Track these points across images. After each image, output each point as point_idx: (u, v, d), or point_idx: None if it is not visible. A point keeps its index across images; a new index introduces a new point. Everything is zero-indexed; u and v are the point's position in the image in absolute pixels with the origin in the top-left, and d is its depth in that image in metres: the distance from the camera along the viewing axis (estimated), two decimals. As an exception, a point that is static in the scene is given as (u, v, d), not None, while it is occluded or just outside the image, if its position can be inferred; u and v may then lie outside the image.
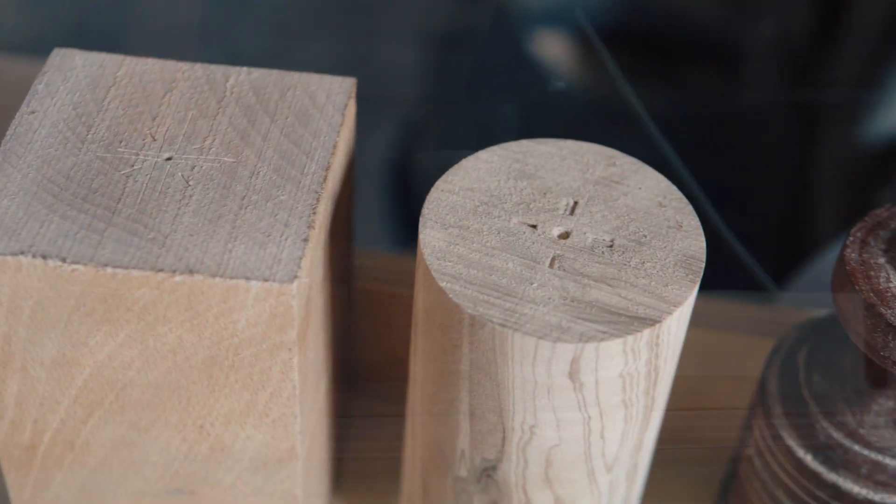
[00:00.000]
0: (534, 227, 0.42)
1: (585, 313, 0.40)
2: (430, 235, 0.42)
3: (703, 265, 0.41)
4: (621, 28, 1.32)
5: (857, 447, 0.44)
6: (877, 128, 1.05)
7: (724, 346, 0.54)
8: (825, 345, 0.47)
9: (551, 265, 0.41)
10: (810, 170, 1.12)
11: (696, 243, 0.42)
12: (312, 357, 0.45)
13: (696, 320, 0.54)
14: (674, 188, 0.44)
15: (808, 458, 0.45)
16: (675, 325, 0.41)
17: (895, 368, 0.41)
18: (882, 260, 0.42)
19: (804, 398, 0.46)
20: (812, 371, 0.46)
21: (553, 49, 1.31)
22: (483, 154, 0.44)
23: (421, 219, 0.42)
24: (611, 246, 0.42)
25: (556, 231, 0.42)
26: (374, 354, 0.57)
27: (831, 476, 0.45)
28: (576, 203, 0.43)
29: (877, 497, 0.44)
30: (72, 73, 0.46)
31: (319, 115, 0.45)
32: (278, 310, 0.40)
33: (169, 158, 0.43)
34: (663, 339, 0.40)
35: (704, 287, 0.41)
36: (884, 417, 0.44)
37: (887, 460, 0.44)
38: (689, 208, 0.43)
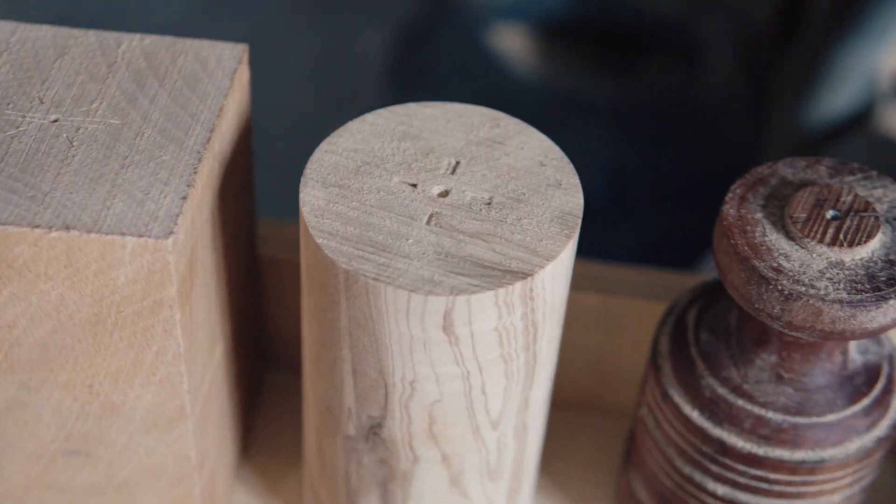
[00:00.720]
0: (414, 185, 0.43)
1: (458, 267, 0.40)
2: (310, 194, 0.42)
3: (580, 221, 0.42)
4: (582, 20, 1.33)
5: (740, 402, 0.45)
6: (820, 112, 1.06)
7: (630, 312, 0.54)
8: (714, 304, 0.47)
9: (428, 222, 0.41)
10: (761, 155, 1.13)
11: (573, 200, 0.42)
12: (202, 318, 0.45)
13: (603, 287, 0.55)
14: (556, 148, 0.44)
15: (695, 415, 0.46)
16: (550, 280, 0.41)
17: (770, 321, 0.42)
18: (759, 215, 0.43)
19: (692, 356, 0.46)
20: (700, 329, 0.47)
21: (511, 42, 1.32)
22: (369, 116, 0.45)
23: (302, 178, 0.43)
24: (489, 203, 0.42)
25: (436, 190, 0.43)
26: (284, 324, 0.57)
27: (716, 431, 0.45)
28: (457, 163, 0.43)
29: (760, 451, 0.45)
30: (-37, 38, 0.46)
31: (208, 79, 0.46)
32: (156, 266, 0.41)
33: (55, 121, 0.44)
34: (537, 294, 0.41)
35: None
36: (766, 372, 0.45)
37: (770, 414, 0.45)
38: (570, 167, 0.44)
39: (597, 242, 1.14)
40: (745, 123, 1.27)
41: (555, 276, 0.41)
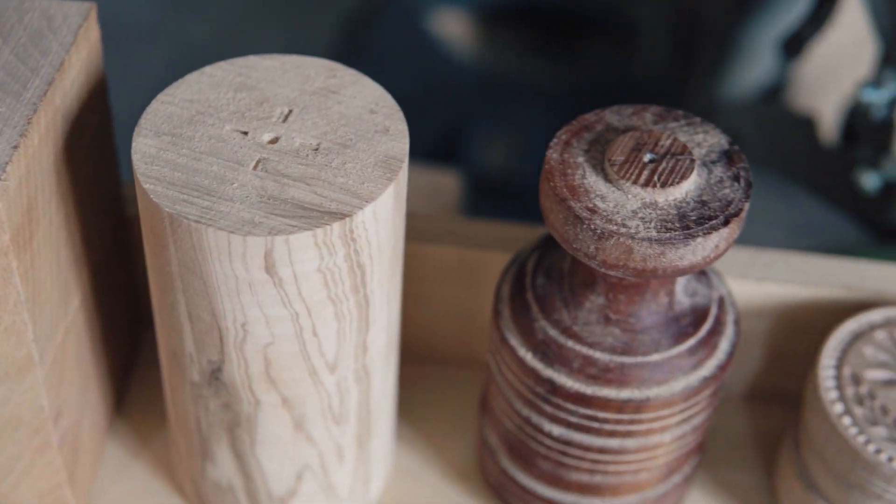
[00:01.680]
0: (245, 133, 0.44)
1: (279, 209, 0.41)
2: (142, 143, 0.43)
3: (403, 165, 0.43)
4: (521, 5, 1.34)
5: (570, 343, 0.46)
6: (732, 87, 1.08)
7: (491, 266, 0.56)
8: (552, 251, 0.49)
9: (255, 167, 0.43)
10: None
11: (399, 145, 0.44)
12: (48, 269, 0.46)
13: (464, 241, 0.56)
14: (388, 96, 0.46)
15: (529, 357, 0.47)
16: (372, 221, 0.42)
17: (587, 260, 0.43)
18: (581, 159, 0.44)
19: (528, 300, 0.48)
20: (537, 275, 0.48)
21: (452, 27, 1.33)
22: (209, 69, 0.46)
23: (136, 128, 0.44)
24: (316, 149, 0.43)
25: (266, 137, 0.44)
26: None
27: (548, 372, 0.47)
28: (290, 111, 0.45)
29: (588, 390, 0.46)
30: None
31: (53, 35, 0.47)
32: (-14, 213, 0.42)
33: None
34: (359, 235, 0.42)
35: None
36: (595, 314, 0.46)
37: (597, 354, 0.46)
38: (400, 115, 0.45)
39: (538, 217, 1.15)
40: (679, 102, 1.29)
41: (377, 218, 0.43)
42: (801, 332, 0.55)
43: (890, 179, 0.67)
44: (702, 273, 0.49)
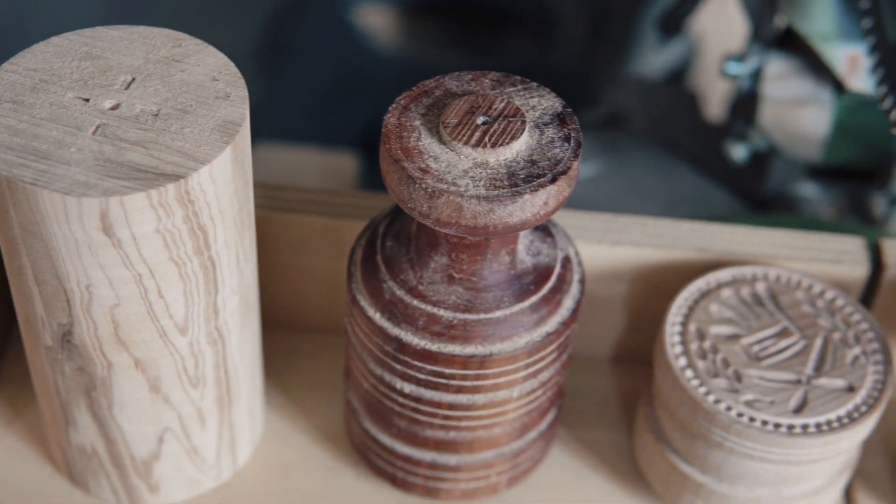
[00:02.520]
0: (86, 100, 0.45)
1: (115, 172, 0.42)
2: (-17, 110, 0.44)
3: (241, 129, 0.44)
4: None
5: (415, 302, 0.48)
6: (640, 71, 1.10)
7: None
8: (402, 215, 0.50)
9: (94, 133, 0.44)
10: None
11: (238, 111, 0.45)
12: None
13: (329, 211, 0.57)
14: (231, 65, 0.47)
15: (377, 317, 0.48)
16: (209, 184, 0.43)
17: (422, 218, 0.44)
18: (417, 122, 0.46)
19: (377, 262, 0.49)
20: (387, 238, 0.50)
21: (375, 20, 1.34)
22: (55, 39, 0.47)
23: (-22, 96, 0.45)
24: (156, 115, 0.44)
25: (108, 104, 0.45)
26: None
27: (395, 330, 0.48)
28: (133, 79, 0.46)
29: (434, 347, 0.47)
30: None
31: None
32: None
33: None
34: (196, 196, 0.43)
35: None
36: (439, 274, 0.48)
37: (441, 312, 0.47)
38: (241, 82, 0.46)
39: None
40: (594, 88, 1.30)
41: (214, 180, 0.44)
42: (657, 293, 0.57)
43: (757, 151, 0.69)
44: (547, 234, 0.50)
